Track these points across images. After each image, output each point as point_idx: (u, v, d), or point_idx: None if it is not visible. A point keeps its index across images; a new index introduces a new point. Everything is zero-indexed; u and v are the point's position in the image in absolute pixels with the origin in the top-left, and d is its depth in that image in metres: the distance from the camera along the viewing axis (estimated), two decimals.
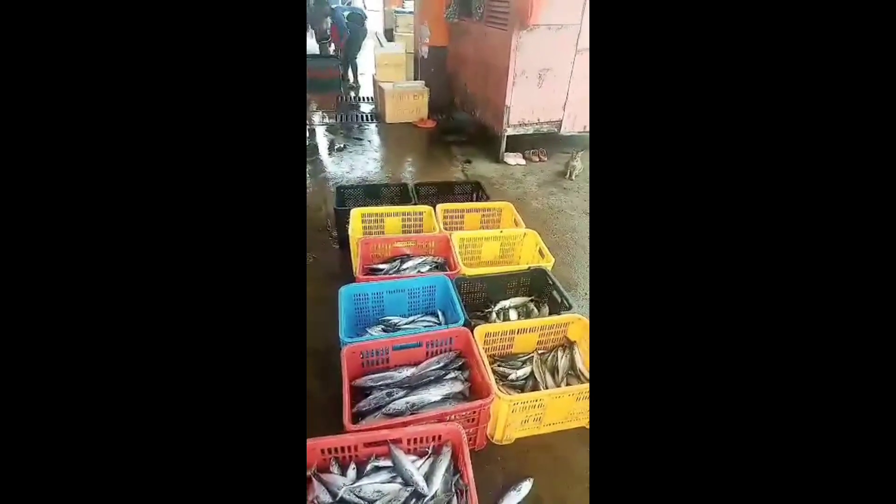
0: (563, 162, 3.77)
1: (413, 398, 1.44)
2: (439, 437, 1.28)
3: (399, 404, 1.42)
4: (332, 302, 1.67)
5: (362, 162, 3.80)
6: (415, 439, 1.26)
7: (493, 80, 3.69)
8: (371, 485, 1.16)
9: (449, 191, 2.74)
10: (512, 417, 1.46)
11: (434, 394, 1.46)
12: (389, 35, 6.07)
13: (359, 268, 1.92)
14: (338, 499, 1.13)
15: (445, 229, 2.20)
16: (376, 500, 1.14)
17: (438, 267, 2.06)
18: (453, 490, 1.18)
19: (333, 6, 5.43)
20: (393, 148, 4.22)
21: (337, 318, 1.57)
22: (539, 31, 3.30)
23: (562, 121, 3.78)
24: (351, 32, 5.45)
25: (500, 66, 3.53)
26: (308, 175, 3.52)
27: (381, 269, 2.03)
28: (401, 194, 2.64)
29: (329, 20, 5.28)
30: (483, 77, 3.90)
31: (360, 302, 1.80)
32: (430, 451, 1.26)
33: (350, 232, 2.13)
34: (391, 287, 1.82)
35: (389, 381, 1.51)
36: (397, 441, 1.24)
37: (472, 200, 2.66)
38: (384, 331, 1.76)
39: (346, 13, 5.44)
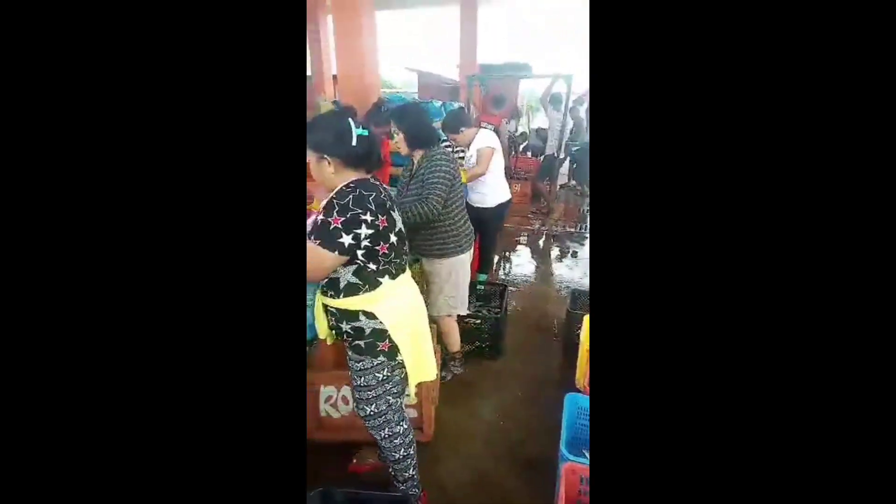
0: None
1: None
2: None
3: None
4: (547, 406, 1.56)
5: None
6: None
7: None
8: None
9: None
10: None
11: None
12: None
13: (586, 379, 1.76)
14: None
15: None
16: None
17: None
18: None
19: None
20: None
21: (550, 426, 1.44)
22: None
23: None
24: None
25: None
26: (538, 277, 3.66)
27: None
28: None
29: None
30: None
31: (583, 417, 1.62)
32: None
33: (581, 338, 2.02)
34: None
35: None
36: None
37: None
38: None
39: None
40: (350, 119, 1.10)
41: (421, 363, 1.29)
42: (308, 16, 8.32)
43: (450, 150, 1.99)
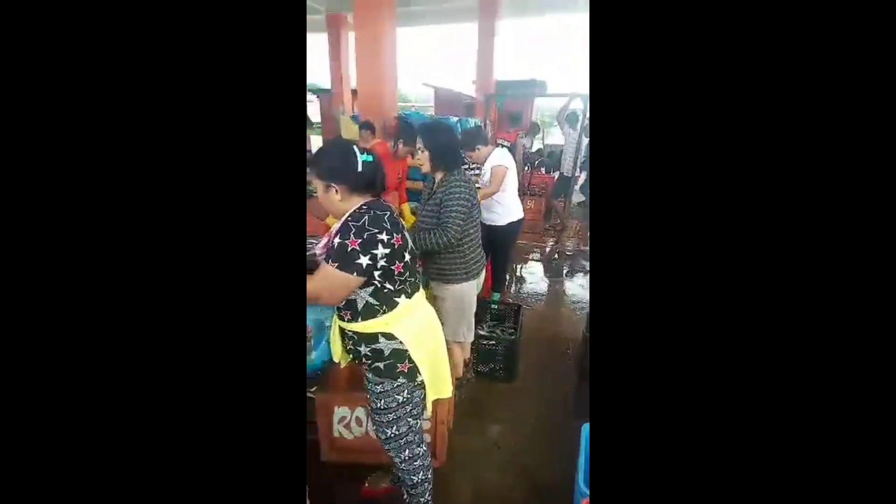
0: None
1: None
2: None
3: None
4: (562, 432, 1.53)
5: None
6: None
7: None
8: None
9: None
10: None
11: None
12: None
13: None
14: None
15: None
16: None
17: None
18: None
19: None
20: None
21: (564, 453, 1.40)
22: None
23: None
24: None
25: None
26: (551, 296, 3.63)
27: None
28: None
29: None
30: None
31: None
32: None
33: None
34: None
35: None
36: None
37: None
38: None
39: None
40: (354, 146, 1.12)
41: (438, 381, 1.28)
42: (329, 31, 8.54)
43: (470, 174, 1.97)
